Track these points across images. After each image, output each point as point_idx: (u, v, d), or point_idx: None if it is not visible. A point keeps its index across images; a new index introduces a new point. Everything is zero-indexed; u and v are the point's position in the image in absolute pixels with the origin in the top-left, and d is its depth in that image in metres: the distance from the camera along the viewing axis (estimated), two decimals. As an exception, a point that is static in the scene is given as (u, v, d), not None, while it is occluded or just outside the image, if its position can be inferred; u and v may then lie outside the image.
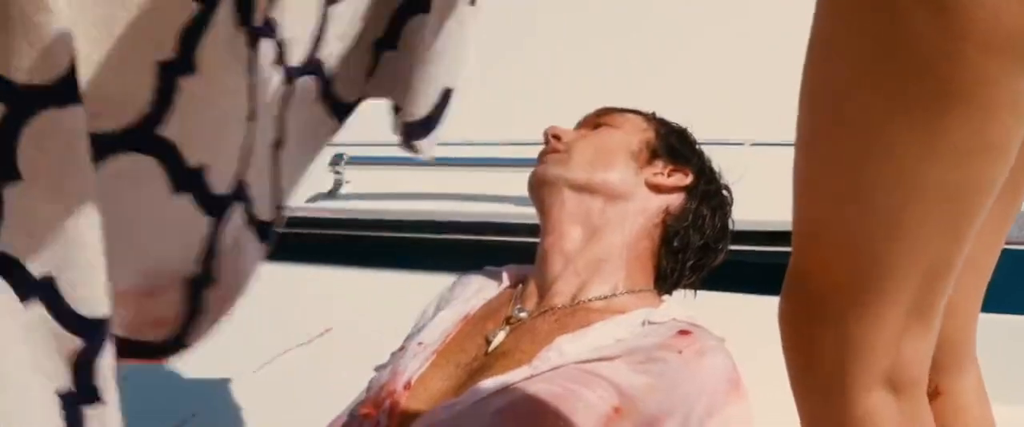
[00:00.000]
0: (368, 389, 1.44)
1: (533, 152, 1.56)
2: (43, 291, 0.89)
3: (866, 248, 0.86)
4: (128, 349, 1.05)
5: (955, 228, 0.85)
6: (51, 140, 0.88)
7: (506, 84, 2.42)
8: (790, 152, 1.12)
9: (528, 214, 1.64)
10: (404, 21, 1.44)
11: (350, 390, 1.54)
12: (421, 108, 1.31)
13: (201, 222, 1.06)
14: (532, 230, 1.57)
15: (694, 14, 2.50)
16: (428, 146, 1.33)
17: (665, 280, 1.48)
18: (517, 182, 1.66)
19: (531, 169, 1.53)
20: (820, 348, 0.90)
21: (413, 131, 1.31)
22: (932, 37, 0.77)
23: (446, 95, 1.31)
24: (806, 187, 0.89)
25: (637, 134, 1.51)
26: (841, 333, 0.88)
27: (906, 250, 0.85)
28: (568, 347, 1.33)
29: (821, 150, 0.86)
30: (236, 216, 1.09)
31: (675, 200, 1.48)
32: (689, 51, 2.45)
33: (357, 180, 2.43)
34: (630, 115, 1.54)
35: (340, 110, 1.40)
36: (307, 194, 2.38)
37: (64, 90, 0.87)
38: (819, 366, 0.91)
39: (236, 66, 1.04)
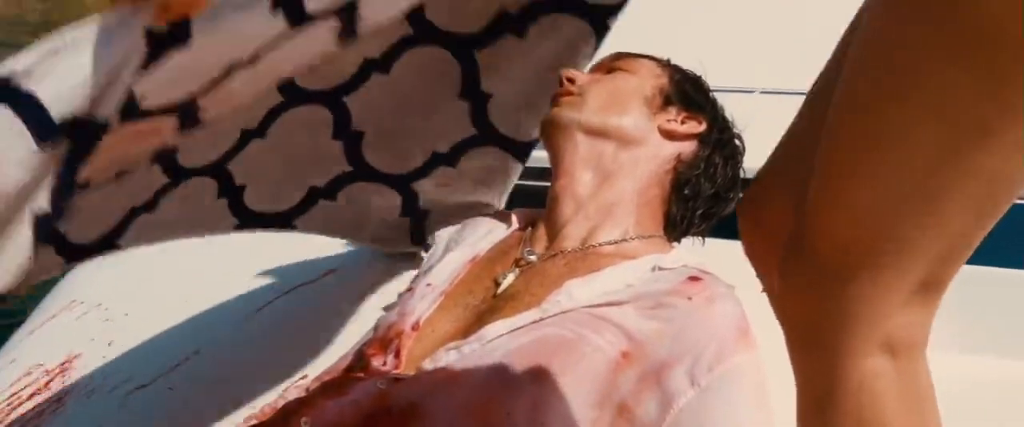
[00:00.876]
0: (375, 329, 1.44)
1: (545, 95, 1.55)
2: None
3: (894, 221, 0.85)
4: None
5: (987, 213, 0.85)
6: None
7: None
8: (799, 101, 1.11)
9: (539, 157, 1.63)
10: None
11: (353, 330, 1.54)
12: None
13: None
14: (542, 173, 1.56)
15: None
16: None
17: (675, 227, 1.48)
18: (528, 125, 1.65)
19: (543, 112, 1.52)
20: (822, 310, 0.90)
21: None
22: (1004, 26, 0.76)
23: None
24: (843, 152, 0.87)
25: (651, 80, 1.50)
26: (846, 298, 0.88)
27: (933, 227, 0.85)
28: (577, 291, 1.32)
29: (870, 121, 0.85)
30: None
31: (687, 147, 1.47)
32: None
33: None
34: (644, 61, 1.53)
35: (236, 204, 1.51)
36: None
37: None
38: (818, 328, 0.91)
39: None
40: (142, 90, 1.02)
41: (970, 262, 0.93)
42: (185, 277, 1.93)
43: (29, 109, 0.89)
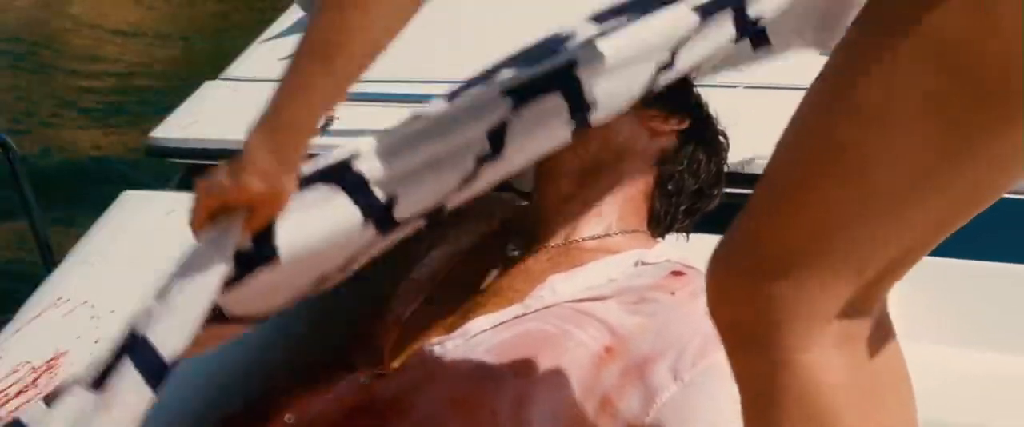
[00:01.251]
0: (358, 325, 1.45)
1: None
2: None
3: (853, 229, 0.85)
4: None
5: (951, 225, 0.86)
6: None
7: (498, 23, 2.40)
8: (783, 95, 1.11)
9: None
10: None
11: (338, 327, 1.54)
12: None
13: None
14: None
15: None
16: None
17: (658, 223, 1.48)
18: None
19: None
20: (765, 307, 0.89)
21: None
22: (995, 53, 0.77)
23: None
24: (810, 153, 0.87)
25: (635, 75, 1.50)
26: (790, 296, 0.88)
27: (893, 236, 0.85)
28: (561, 286, 1.33)
29: (841, 127, 0.84)
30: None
31: (671, 143, 1.47)
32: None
33: (347, 117, 2.41)
34: (628, 56, 1.53)
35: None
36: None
37: None
38: (756, 325, 0.90)
39: None
40: (227, 303, 1.08)
41: (956, 255, 0.93)
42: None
43: (146, 359, 1.00)
